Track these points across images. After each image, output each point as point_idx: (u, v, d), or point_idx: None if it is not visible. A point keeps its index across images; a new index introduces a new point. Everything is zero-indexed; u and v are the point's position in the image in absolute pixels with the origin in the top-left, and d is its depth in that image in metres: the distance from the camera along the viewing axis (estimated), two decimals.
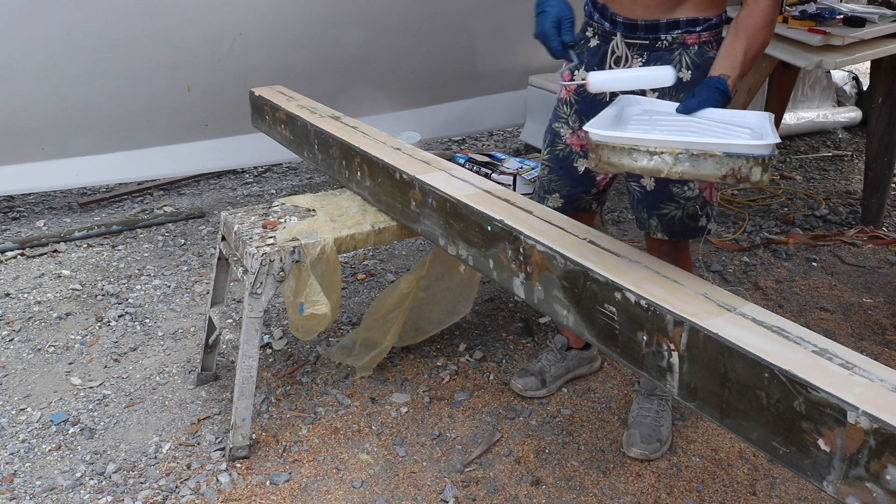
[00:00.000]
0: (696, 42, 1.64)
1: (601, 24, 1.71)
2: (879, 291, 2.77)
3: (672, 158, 1.09)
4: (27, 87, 2.83)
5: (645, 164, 1.11)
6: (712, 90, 1.38)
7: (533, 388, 2.12)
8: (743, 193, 3.74)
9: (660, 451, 1.90)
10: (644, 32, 1.64)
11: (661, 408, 1.97)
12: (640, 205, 1.78)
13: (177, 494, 1.76)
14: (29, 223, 3.25)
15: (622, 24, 1.65)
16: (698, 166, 1.09)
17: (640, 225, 1.83)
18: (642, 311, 1.16)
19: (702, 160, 1.08)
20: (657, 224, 1.78)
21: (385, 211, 1.92)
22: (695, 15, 1.62)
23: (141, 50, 2.87)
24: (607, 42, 1.70)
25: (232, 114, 3.16)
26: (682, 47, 1.64)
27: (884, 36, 3.10)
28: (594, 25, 1.73)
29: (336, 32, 3.18)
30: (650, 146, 1.10)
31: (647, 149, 1.10)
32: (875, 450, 0.87)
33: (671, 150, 1.09)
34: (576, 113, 1.80)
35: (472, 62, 3.76)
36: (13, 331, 2.43)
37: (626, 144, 1.11)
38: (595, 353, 2.24)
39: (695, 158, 1.09)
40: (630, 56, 1.67)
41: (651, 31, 1.63)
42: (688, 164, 1.09)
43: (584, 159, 1.79)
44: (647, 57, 1.66)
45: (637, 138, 1.11)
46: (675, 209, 1.73)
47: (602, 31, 1.71)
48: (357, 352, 2.20)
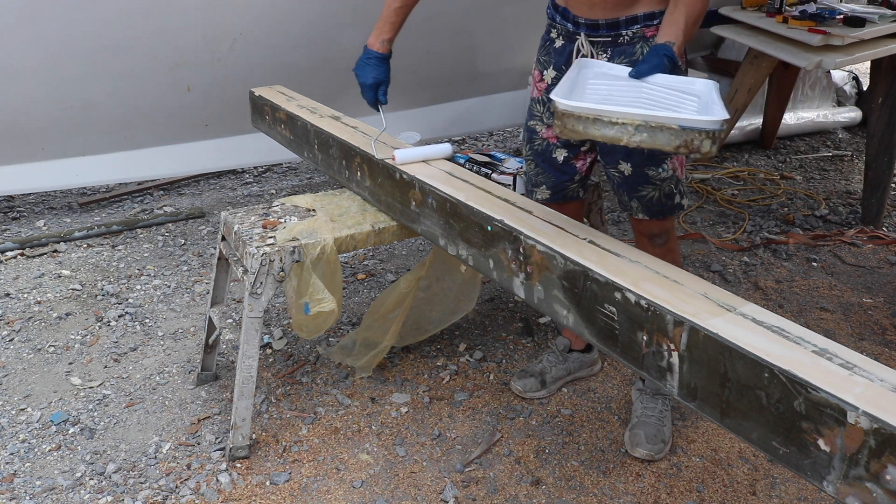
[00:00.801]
0: (654, 34, 1.72)
1: (564, 26, 1.80)
2: (879, 291, 2.77)
3: (632, 129, 1.20)
4: (27, 88, 2.83)
5: (605, 133, 1.22)
6: (661, 56, 1.51)
7: (533, 389, 2.12)
8: (743, 193, 3.74)
9: (663, 451, 1.91)
10: (606, 31, 1.73)
11: (665, 407, 1.98)
12: (621, 189, 1.87)
13: (177, 494, 1.76)
14: (29, 223, 3.25)
15: (584, 24, 1.74)
16: (655, 137, 1.19)
17: (623, 207, 1.92)
18: (642, 311, 1.16)
19: (658, 132, 1.18)
20: (638, 206, 1.86)
21: (385, 211, 1.92)
22: (651, 9, 1.71)
23: (141, 50, 2.87)
24: (572, 42, 1.79)
25: (232, 114, 3.16)
26: (642, 40, 1.73)
27: (884, 36, 3.10)
28: (557, 27, 1.83)
29: (336, 32, 3.18)
30: (612, 117, 1.20)
31: (610, 119, 1.20)
32: (875, 450, 0.87)
33: (631, 122, 1.20)
34: (548, 110, 1.89)
35: (472, 62, 3.76)
36: (13, 331, 2.43)
37: (590, 114, 1.22)
38: (596, 356, 2.24)
39: (652, 130, 1.19)
40: (595, 53, 1.76)
41: (612, 28, 1.72)
42: (645, 134, 1.19)
43: (562, 149, 1.90)
44: (610, 52, 1.75)
45: (601, 109, 1.21)
46: (653, 190, 1.81)
47: (566, 31, 1.80)
48: (357, 352, 2.20)
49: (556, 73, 1.85)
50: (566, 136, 1.26)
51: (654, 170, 1.78)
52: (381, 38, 1.85)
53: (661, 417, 1.95)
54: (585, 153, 1.91)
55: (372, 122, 2.28)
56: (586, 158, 1.92)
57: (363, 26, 3.25)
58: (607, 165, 1.87)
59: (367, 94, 1.86)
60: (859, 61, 3.09)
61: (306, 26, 3.09)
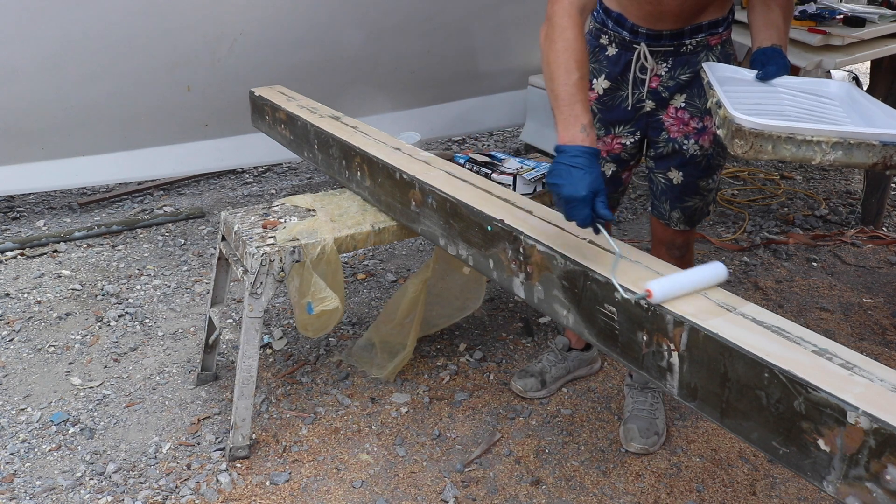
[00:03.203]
0: (718, 42, 1.68)
1: (618, 33, 1.68)
2: (879, 291, 2.77)
3: (827, 147, 1.13)
4: (27, 87, 2.83)
5: (798, 152, 1.15)
6: (783, 57, 1.44)
7: (533, 389, 2.12)
8: (743, 193, 3.74)
9: (658, 443, 1.92)
10: (669, 41, 1.64)
11: (655, 400, 1.99)
12: (664, 196, 1.81)
13: (177, 494, 1.76)
14: (29, 223, 3.25)
15: (646, 34, 1.64)
16: (851, 154, 1.13)
17: (660, 216, 1.85)
18: (642, 311, 1.16)
19: (855, 149, 1.13)
20: (679, 216, 1.82)
21: (385, 211, 1.92)
22: (715, 17, 1.64)
23: (141, 50, 2.87)
24: (627, 50, 1.69)
25: (232, 114, 3.16)
26: (706, 49, 1.67)
27: (884, 36, 3.10)
28: (609, 33, 1.70)
29: (336, 32, 3.18)
30: (806, 135, 1.14)
31: (804, 137, 1.13)
32: (875, 450, 0.87)
33: (827, 139, 1.13)
34: (599, 121, 1.80)
35: (472, 62, 3.76)
36: (13, 331, 2.43)
37: (781, 133, 1.15)
38: (595, 354, 2.24)
39: (849, 147, 1.13)
40: (656, 64, 1.68)
41: (675, 38, 1.64)
42: (841, 152, 1.13)
43: (611, 163, 1.82)
44: (671, 62, 1.67)
45: (794, 127, 1.14)
46: (699, 201, 1.78)
47: (620, 39, 1.68)
48: (380, 360, 2.20)
49: (609, 84, 1.73)
50: (750, 156, 1.15)
51: (706, 181, 1.76)
52: (581, 124, 1.31)
53: (653, 410, 1.96)
54: (633, 166, 1.87)
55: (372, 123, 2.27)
56: (632, 170, 1.89)
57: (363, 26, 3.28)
58: (655, 171, 1.80)
59: (578, 210, 1.25)
60: (859, 61, 3.08)
61: (306, 26, 3.09)
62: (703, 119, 1.70)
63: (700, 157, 1.74)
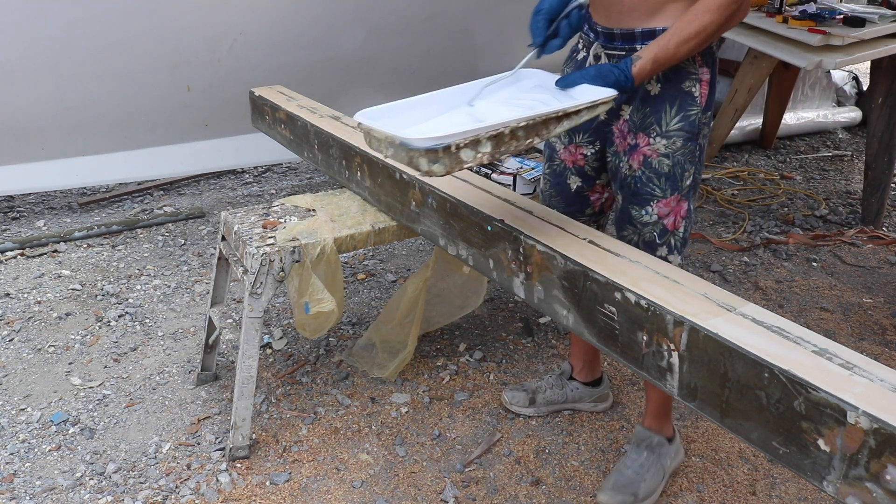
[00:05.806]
0: None
1: (587, 36, 1.66)
2: (879, 291, 2.77)
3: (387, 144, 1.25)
4: (27, 87, 2.83)
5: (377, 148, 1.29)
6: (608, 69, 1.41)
7: (520, 403, 2.06)
8: (743, 193, 3.74)
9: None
10: (621, 43, 1.57)
11: (649, 462, 1.79)
12: (614, 224, 1.74)
13: (177, 494, 1.76)
14: (29, 223, 3.25)
15: (601, 33, 1.60)
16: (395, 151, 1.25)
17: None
18: (642, 311, 1.16)
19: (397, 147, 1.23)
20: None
21: (385, 211, 1.92)
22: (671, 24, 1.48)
23: (141, 50, 2.87)
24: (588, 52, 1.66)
25: (232, 114, 3.16)
26: None
27: (884, 36, 3.10)
28: (584, 37, 1.68)
29: (336, 32, 3.18)
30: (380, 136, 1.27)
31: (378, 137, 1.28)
32: (875, 450, 0.87)
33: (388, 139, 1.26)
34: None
35: (472, 62, 3.76)
36: (13, 331, 2.43)
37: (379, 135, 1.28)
38: (607, 391, 2.10)
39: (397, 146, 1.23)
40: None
41: (627, 41, 1.56)
42: (392, 150, 1.25)
43: (576, 176, 1.76)
44: None
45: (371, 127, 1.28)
46: (633, 233, 1.66)
47: (587, 42, 1.67)
48: (381, 360, 2.20)
49: None
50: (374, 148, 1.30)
51: (637, 210, 1.62)
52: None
53: (641, 471, 1.77)
54: (603, 187, 1.76)
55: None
56: (602, 193, 1.77)
57: (363, 26, 3.28)
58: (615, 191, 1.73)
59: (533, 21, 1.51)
60: (859, 61, 3.09)
61: (306, 26, 3.09)
62: (637, 136, 1.59)
63: (629, 178, 1.62)
